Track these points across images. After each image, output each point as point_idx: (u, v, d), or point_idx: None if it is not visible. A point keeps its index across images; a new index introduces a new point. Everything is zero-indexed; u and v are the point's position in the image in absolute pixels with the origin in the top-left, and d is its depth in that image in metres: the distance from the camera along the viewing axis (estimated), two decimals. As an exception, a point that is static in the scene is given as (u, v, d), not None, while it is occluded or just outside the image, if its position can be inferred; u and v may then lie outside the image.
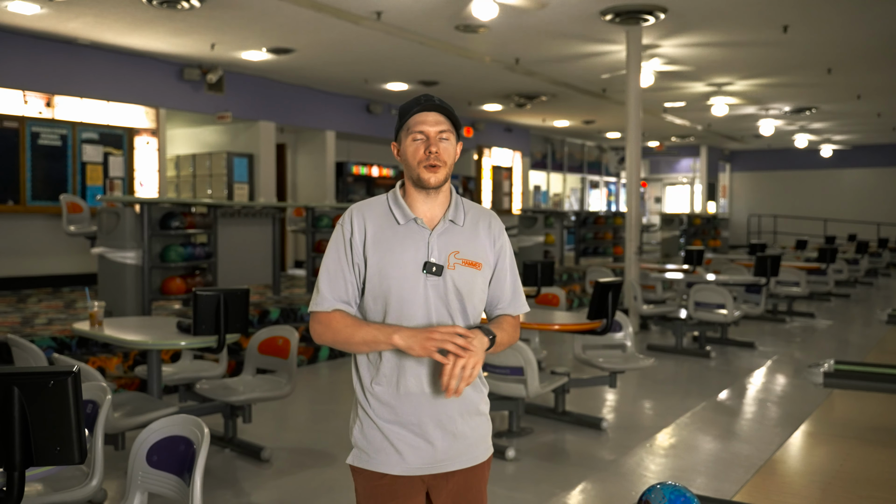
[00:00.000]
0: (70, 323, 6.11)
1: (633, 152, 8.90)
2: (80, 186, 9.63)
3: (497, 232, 2.01)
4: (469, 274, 1.92)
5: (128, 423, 3.70)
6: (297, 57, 10.20)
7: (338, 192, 13.63)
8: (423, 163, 1.89)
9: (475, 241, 1.95)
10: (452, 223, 1.94)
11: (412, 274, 1.88)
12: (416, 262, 1.88)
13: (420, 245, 1.90)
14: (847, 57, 10.42)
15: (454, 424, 1.93)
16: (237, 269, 8.17)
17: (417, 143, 1.90)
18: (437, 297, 1.89)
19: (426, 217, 1.94)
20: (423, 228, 1.91)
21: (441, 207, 1.95)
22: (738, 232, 23.44)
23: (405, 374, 1.90)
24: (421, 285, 1.88)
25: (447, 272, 1.89)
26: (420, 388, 1.90)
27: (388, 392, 1.91)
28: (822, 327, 9.70)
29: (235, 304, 3.93)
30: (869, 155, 21.70)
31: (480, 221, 1.99)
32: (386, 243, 1.90)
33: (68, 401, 1.68)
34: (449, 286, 1.89)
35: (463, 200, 2.01)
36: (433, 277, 1.88)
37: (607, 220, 15.50)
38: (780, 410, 5.70)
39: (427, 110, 1.90)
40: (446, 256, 1.90)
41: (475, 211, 2.01)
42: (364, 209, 1.96)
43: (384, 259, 1.89)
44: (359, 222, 1.93)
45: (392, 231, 1.91)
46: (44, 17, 8.21)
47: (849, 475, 4.16)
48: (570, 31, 9.03)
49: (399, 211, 1.93)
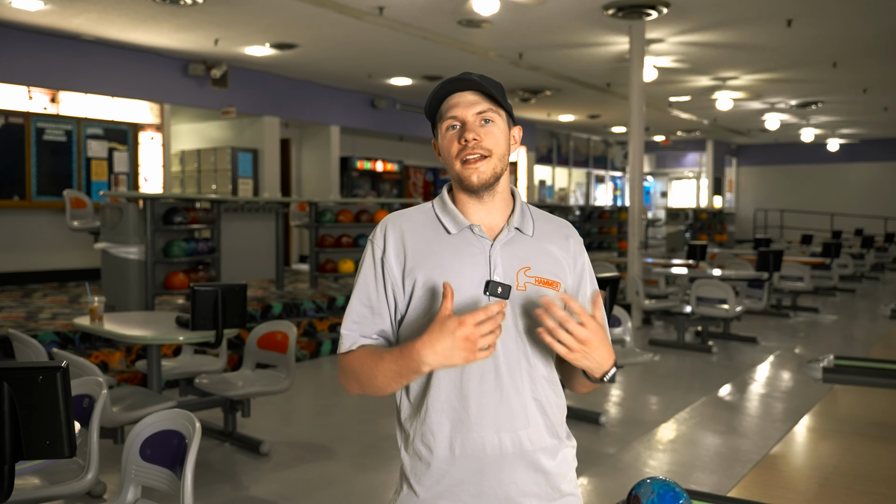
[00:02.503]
0: (74, 318, 6.15)
1: (636, 147, 8.89)
2: (85, 182, 9.67)
3: (577, 249, 1.59)
4: (546, 296, 1.46)
5: (126, 418, 3.72)
6: (301, 52, 10.21)
7: (342, 186, 13.64)
8: (461, 156, 1.50)
9: (549, 256, 1.54)
10: (519, 231, 1.53)
11: (470, 298, 1.46)
12: (474, 283, 1.47)
13: (479, 260, 1.48)
14: (852, 51, 10.36)
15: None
16: (241, 264, 8.19)
17: (452, 133, 1.52)
18: (505, 327, 1.44)
19: (483, 224, 1.53)
20: (481, 238, 1.50)
21: (502, 215, 1.55)
22: (745, 226, 23.37)
23: (461, 426, 1.46)
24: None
25: (516, 294, 1.48)
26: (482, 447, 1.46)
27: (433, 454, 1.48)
28: (826, 322, 9.67)
29: (233, 300, 3.96)
30: (876, 149, 21.59)
31: (555, 233, 1.58)
32: (434, 258, 1.49)
33: (57, 395, 1.71)
34: (520, 312, 1.48)
35: (531, 208, 1.60)
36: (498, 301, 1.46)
37: (612, 215, 15.49)
38: (781, 406, 5.70)
39: (460, 90, 1.51)
40: (514, 274, 1.49)
41: (546, 220, 1.61)
42: (400, 219, 1.56)
43: (433, 279, 1.47)
44: (394, 236, 1.53)
45: (440, 243, 1.51)
46: (48, 13, 8.24)
47: (847, 470, 4.15)
48: (573, 26, 9.01)
49: (449, 218, 1.53)
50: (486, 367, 1.46)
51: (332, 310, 8.08)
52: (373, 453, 4.54)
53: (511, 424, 1.47)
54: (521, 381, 1.48)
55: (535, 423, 1.49)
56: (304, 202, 9.32)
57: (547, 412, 1.51)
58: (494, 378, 1.47)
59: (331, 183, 13.10)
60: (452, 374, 1.47)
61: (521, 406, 1.48)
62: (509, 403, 1.47)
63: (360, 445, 4.71)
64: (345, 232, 9.21)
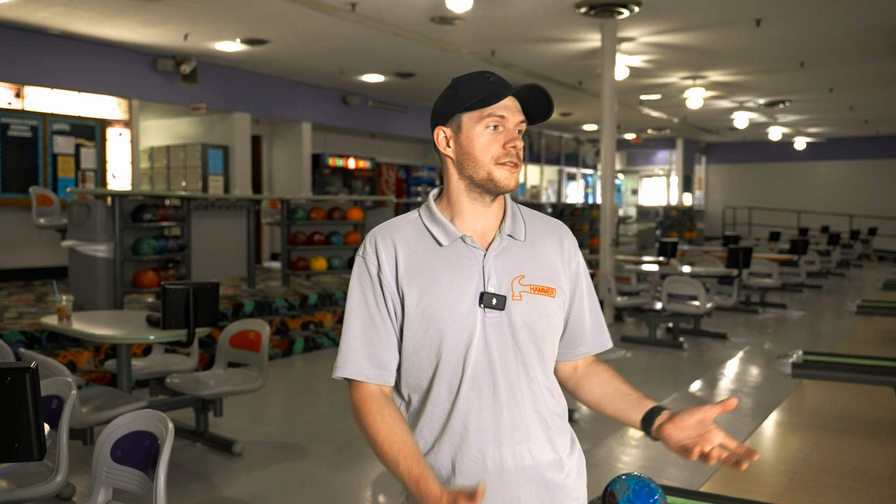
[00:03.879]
0: (40, 317, 6.04)
1: (608, 144, 8.95)
2: (51, 178, 9.50)
3: (571, 250, 1.57)
4: (542, 304, 1.47)
5: (96, 418, 3.67)
6: (272, 48, 10.13)
7: (314, 184, 13.56)
8: (500, 159, 1.46)
9: (543, 260, 1.52)
10: (512, 238, 1.50)
11: (466, 312, 1.43)
12: (469, 296, 1.44)
13: (473, 272, 1.45)
14: (819, 51, 10.52)
15: None
16: (211, 261, 8.10)
17: (494, 134, 1.47)
18: (503, 338, 1.44)
19: (476, 233, 1.50)
20: (474, 249, 1.47)
21: (496, 219, 1.52)
22: (714, 224, 23.65)
23: (461, 442, 1.46)
24: (478, 326, 1.44)
25: (511, 304, 1.45)
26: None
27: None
28: (794, 318, 9.82)
29: (205, 298, 3.91)
30: (842, 147, 21.95)
31: (548, 235, 1.55)
32: (427, 274, 1.45)
33: (26, 397, 1.67)
34: (517, 323, 1.45)
35: (520, 208, 1.57)
36: (494, 313, 1.44)
37: (584, 212, 15.58)
38: (751, 401, 5.77)
39: (514, 95, 1.48)
40: (509, 283, 1.46)
41: (538, 222, 1.57)
42: (391, 231, 1.51)
43: (427, 295, 1.44)
44: (387, 249, 1.48)
45: (433, 257, 1.47)
46: (13, 5, 8.07)
47: (816, 464, 4.22)
48: (545, 24, 9.04)
49: (439, 228, 1.49)
50: (485, 381, 1.44)
51: (305, 308, 8.03)
52: (346, 452, 4.52)
53: (512, 438, 1.45)
54: (521, 393, 1.46)
55: (536, 437, 1.47)
56: (276, 199, 9.25)
57: (549, 424, 1.49)
58: (493, 392, 1.44)
59: (302, 180, 13.02)
60: (451, 389, 1.45)
61: (521, 419, 1.46)
62: (510, 417, 1.45)
63: (333, 444, 4.68)
64: (317, 229, 9.16)
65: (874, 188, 21.46)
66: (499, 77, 1.48)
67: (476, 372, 1.43)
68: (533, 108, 1.50)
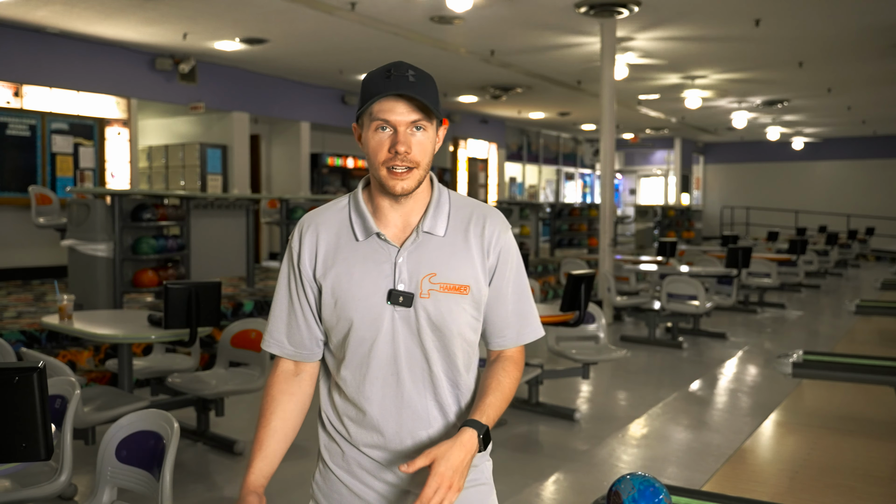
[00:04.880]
0: (40, 316, 6.03)
1: (608, 144, 8.95)
2: (49, 177, 9.49)
3: (493, 237, 1.53)
4: (450, 302, 1.49)
5: (98, 418, 3.66)
6: (271, 47, 10.12)
7: (312, 183, 13.55)
8: (387, 163, 1.45)
9: (461, 255, 1.51)
10: (429, 235, 1.50)
11: (375, 306, 1.48)
12: (380, 292, 1.48)
13: (384, 268, 1.48)
14: (818, 51, 10.54)
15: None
16: (211, 261, 8.10)
17: (381, 136, 1.45)
18: (409, 333, 1.49)
19: (396, 227, 1.51)
20: (387, 245, 1.49)
21: (417, 214, 1.52)
22: (712, 223, 23.68)
23: (363, 426, 1.58)
24: (387, 320, 1.48)
25: (419, 302, 1.47)
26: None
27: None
28: (792, 318, 9.83)
29: (207, 297, 3.91)
30: (839, 148, 21.99)
31: (472, 225, 1.53)
32: (342, 266, 1.50)
33: (34, 397, 1.67)
34: (422, 320, 1.48)
35: (450, 197, 1.56)
36: (402, 309, 1.48)
37: (582, 212, 15.56)
38: (750, 400, 5.78)
39: (399, 97, 1.43)
40: (418, 281, 1.48)
41: (466, 211, 1.55)
42: (317, 219, 1.55)
43: (339, 288, 1.49)
44: (310, 238, 1.54)
45: (350, 250, 1.51)
46: (11, 4, 8.06)
47: (816, 463, 4.23)
48: (545, 23, 9.05)
49: (359, 222, 1.51)
50: (388, 373, 1.51)
51: (304, 307, 8.01)
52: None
53: (412, 426, 1.52)
54: (424, 385, 1.52)
55: (436, 425, 1.54)
56: (275, 199, 9.24)
57: (448, 415, 1.55)
58: (396, 383, 1.52)
59: (301, 179, 13.01)
60: (358, 376, 1.53)
61: (423, 408, 1.53)
62: (410, 406, 1.52)
63: (334, 444, 4.67)
64: (316, 229, 9.14)
65: (872, 188, 21.50)
66: (400, 72, 1.44)
67: (381, 363, 1.50)
68: (430, 100, 1.45)
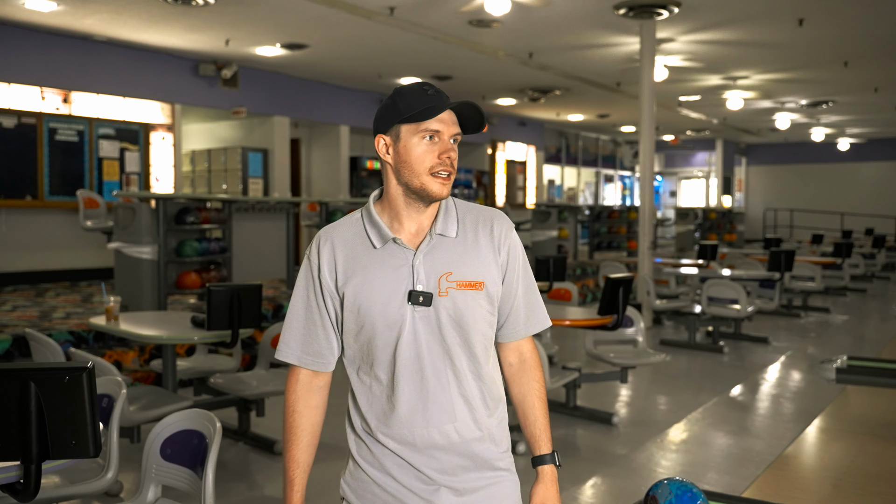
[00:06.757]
0: (87, 317, 6.19)
1: (647, 146, 8.88)
2: (96, 182, 9.72)
3: (502, 236, 1.66)
4: (467, 298, 1.59)
5: (143, 417, 3.75)
6: (311, 52, 10.24)
7: (352, 186, 13.67)
8: (434, 169, 1.57)
9: (473, 253, 1.62)
10: (442, 237, 1.61)
11: (396, 309, 1.57)
12: (399, 294, 1.58)
13: (402, 271, 1.58)
14: (863, 50, 10.33)
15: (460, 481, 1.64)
16: (252, 263, 8.22)
17: (429, 146, 1.57)
18: (430, 331, 1.58)
19: (410, 233, 1.62)
20: (404, 249, 1.60)
21: (429, 219, 1.63)
22: (754, 226, 23.30)
23: (393, 424, 1.66)
24: (408, 320, 1.58)
25: (438, 300, 1.57)
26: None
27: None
28: (837, 322, 9.64)
29: (248, 299, 3.98)
30: (886, 148, 21.49)
31: (480, 227, 1.65)
32: (361, 274, 1.60)
33: (83, 395, 1.73)
34: (443, 317, 1.58)
35: (456, 203, 1.68)
36: (422, 308, 1.57)
37: (621, 215, 15.44)
38: (793, 406, 5.69)
39: (448, 108, 1.58)
40: (436, 281, 1.58)
41: (473, 215, 1.67)
42: (333, 233, 1.66)
43: (361, 294, 1.59)
44: (328, 251, 1.63)
45: (368, 258, 1.61)
46: (60, 14, 8.28)
47: (860, 471, 4.15)
48: (583, 26, 9.01)
49: (375, 231, 1.62)
50: (413, 370, 1.59)
51: (343, 309, 8.08)
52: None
53: (439, 420, 1.60)
54: (448, 380, 1.60)
55: (462, 417, 1.61)
56: (315, 202, 9.35)
57: (474, 406, 1.63)
58: (420, 380, 1.59)
59: (340, 183, 13.13)
60: (382, 380, 1.62)
61: (448, 403, 1.60)
62: (436, 401, 1.60)
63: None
64: (355, 232, 9.21)
65: (921, 189, 20.98)
66: (437, 90, 1.59)
67: (405, 362, 1.58)
68: (467, 120, 1.62)
